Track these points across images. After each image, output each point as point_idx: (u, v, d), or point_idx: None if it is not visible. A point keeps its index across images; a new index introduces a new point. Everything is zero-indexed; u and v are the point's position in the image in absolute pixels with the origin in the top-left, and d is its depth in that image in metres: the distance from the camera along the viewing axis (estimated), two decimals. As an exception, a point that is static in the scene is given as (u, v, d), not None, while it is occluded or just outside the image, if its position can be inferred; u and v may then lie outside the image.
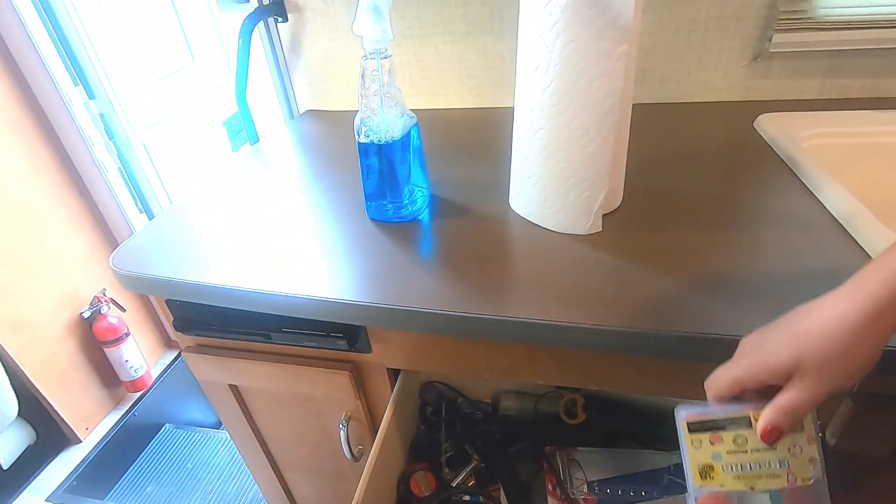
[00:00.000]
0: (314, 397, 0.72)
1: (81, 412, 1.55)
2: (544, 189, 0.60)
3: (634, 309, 0.49)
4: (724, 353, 0.46)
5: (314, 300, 0.55)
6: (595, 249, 0.58)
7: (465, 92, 1.02)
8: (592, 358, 0.56)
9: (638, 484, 0.60)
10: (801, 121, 0.76)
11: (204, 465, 1.58)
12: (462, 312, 0.51)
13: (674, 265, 0.54)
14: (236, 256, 0.62)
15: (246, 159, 0.90)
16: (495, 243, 0.61)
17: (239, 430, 0.84)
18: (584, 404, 0.68)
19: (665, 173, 0.71)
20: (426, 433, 0.72)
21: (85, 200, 1.50)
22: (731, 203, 0.63)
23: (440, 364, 0.63)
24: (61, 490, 1.44)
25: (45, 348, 1.43)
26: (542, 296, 0.52)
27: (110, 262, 0.63)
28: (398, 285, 0.55)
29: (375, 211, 0.68)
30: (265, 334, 0.64)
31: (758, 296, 0.49)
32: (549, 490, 0.61)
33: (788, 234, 0.57)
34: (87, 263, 1.52)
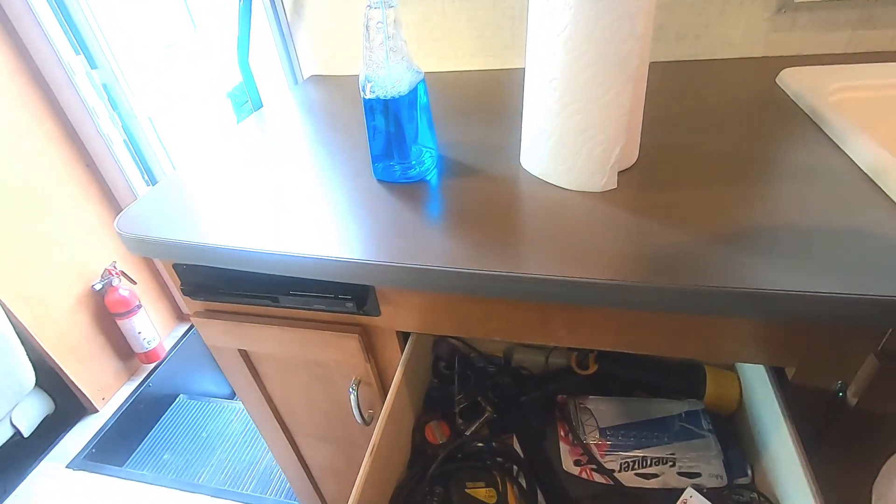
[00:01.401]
0: (324, 362, 0.71)
1: (97, 383, 1.58)
2: (557, 144, 0.57)
3: (651, 264, 0.47)
4: (744, 307, 0.45)
5: (321, 259, 0.53)
6: (610, 206, 0.56)
7: (475, 53, 0.99)
8: (605, 319, 0.55)
9: (649, 430, 0.60)
10: (827, 74, 0.72)
11: (218, 434, 1.61)
12: (473, 269, 0.49)
13: (692, 222, 0.52)
14: (242, 218, 0.61)
15: (250, 125, 0.88)
16: (506, 203, 0.59)
17: (250, 397, 0.84)
18: (596, 356, 0.67)
19: (682, 131, 0.68)
20: (439, 386, 0.72)
21: (92, 173, 1.50)
22: (752, 159, 0.61)
23: (449, 327, 0.62)
24: (81, 457, 1.48)
25: (59, 321, 1.44)
26: (555, 253, 0.50)
27: (115, 225, 0.62)
28: (407, 244, 0.54)
29: (383, 172, 0.66)
30: (273, 297, 0.63)
31: (782, 250, 0.47)
32: (561, 436, 0.61)
33: (814, 189, 0.54)
34: (96, 236, 1.53)
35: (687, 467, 0.57)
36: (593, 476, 0.58)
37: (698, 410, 0.62)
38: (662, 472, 0.57)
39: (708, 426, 0.60)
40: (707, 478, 0.56)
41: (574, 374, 0.68)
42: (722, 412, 0.63)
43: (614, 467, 0.58)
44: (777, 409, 0.52)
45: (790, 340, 0.51)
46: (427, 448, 0.64)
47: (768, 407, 0.54)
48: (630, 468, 0.58)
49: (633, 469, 0.57)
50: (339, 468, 0.96)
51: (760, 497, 0.53)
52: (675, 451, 0.58)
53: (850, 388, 0.52)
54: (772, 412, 0.53)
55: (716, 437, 0.59)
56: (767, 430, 0.55)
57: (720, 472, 0.56)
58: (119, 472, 1.46)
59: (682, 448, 0.58)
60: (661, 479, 0.56)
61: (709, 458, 0.57)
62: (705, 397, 0.63)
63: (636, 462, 0.58)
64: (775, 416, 0.52)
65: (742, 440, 0.61)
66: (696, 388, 0.64)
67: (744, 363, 0.62)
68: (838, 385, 0.53)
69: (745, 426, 0.62)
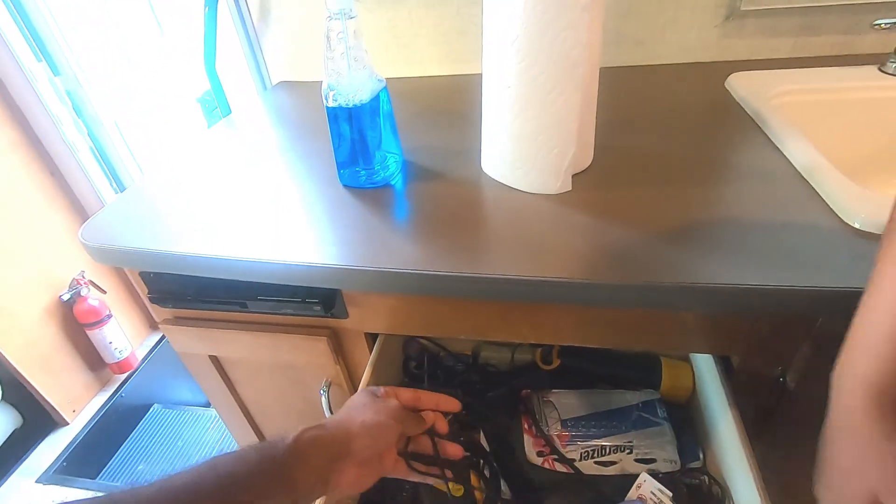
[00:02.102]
0: (294, 365, 0.72)
1: (67, 395, 1.55)
2: (514, 149, 0.60)
3: (604, 262, 0.50)
4: (688, 300, 0.48)
5: (288, 265, 0.55)
6: (565, 208, 0.58)
7: (441, 58, 1.01)
8: (564, 315, 0.58)
9: (608, 420, 0.63)
10: (770, 79, 0.76)
11: (194, 442, 1.59)
12: (435, 271, 0.51)
13: (643, 221, 0.55)
14: (209, 226, 0.62)
15: (218, 132, 0.88)
16: (468, 206, 0.61)
17: (222, 402, 0.84)
18: (559, 351, 0.70)
19: (635, 134, 0.71)
20: (410, 385, 0.74)
21: (57, 181, 1.47)
22: (699, 160, 0.64)
23: (416, 327, 0.64)
24: (51, 471, 1.45)
25: (26, 332, 1.41)
26: (513, 253, 0.53)
27: (80, 235, 0.62)
28: (372, 248, 0.55)
29: (348, 178, 0.68)
30: (241, 303, 0.64)
31: (723, 246, 0.50)
32: (525, 429, 0.63)
33: (753, 188, 0.58)
34: (63, 245, 1.50)
35: (643, 454, 0.60)
36: (555, 466, 0.60)
37: (654, 400, 0.65)
38: (620, 460, 0.60)
39: (663, 414, 0.63)
40: (662, 463, 0.59)
41: (538, 369, 0.71)
42: (677, 401, 0.66)
43: (575, 457, 0.60)
44: (723, 396, 0.55)
45: (733, 331, 0.54)
46: (397, 445, 0.65)
47: (716, 394, 0.57)
48: (590, 457, 0.60)
49: (593, 458, 0.60)
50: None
51: (710, 479, 0.56)
52: (633, 439, 0.61)
53: (789, 373, 0.56)
54: (719, 399, 0.56)
55: (670, 424, 0.62)
56: (715, 416, 0.58)
57: (674, 457, 0.59)
58: (91, 485, 1.43)
59: (639, 436, 0.61)
60: (619, 466, 0.59)
61: (664, 445, 0.60)
62: (661, 387, 0.66)
63: (596, 451, 0.61)
64: (722, 402, 0.55)
65: (695, 427, 0.65)
66: (652, 378, 0.67)
67: (694, 354, 0.66)
68: (778, 371, 0.57)
69: (697, 413, 0.65)
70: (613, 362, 0.70)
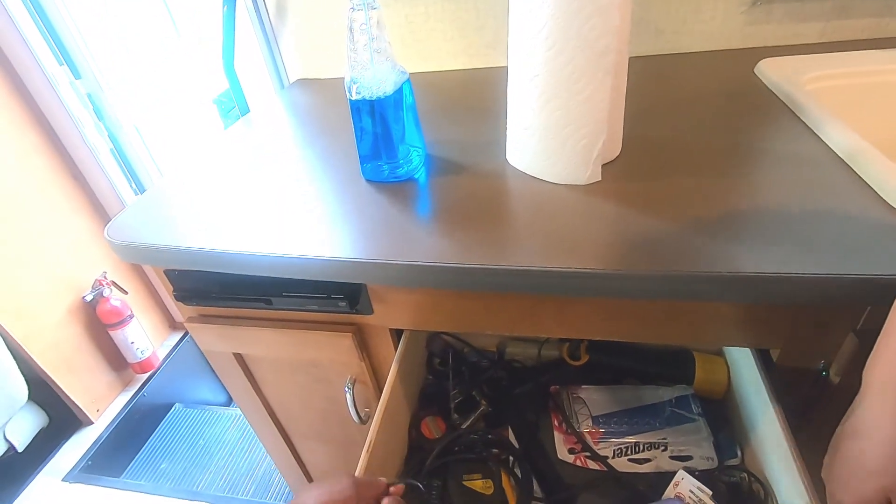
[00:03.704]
0: (319, 362, 0.72)
1: (91, 394, 1.57)
2: (541, 139, 0.59)
3: (637, 253, 0.48)
4: (726, 291, 0.46)
5: (312, 259, 0.54)
6: (595, 198, 0.57)
7: (458, 53, 1.00)
8: (594, 309, 0.56)
9: (641, 416, 0.61)
10: (803, 64, 0.74)
11: (215, 441, 1.60)
12: (461, 264, 0.50)
13: (675, 210, 0.53)
14: (232, 222, 0.61)
15: (237, 130, 0.88)
16: (494, 198, 0.60)
17: (247, 401, 0.84)
18: (587, 346, 0.68)
19: (664, 123, 0.70)
20: (434, 383, 0.73)
21: (79, 183, 1.49)
22: (732, 149, 0.62)
23: (441, 323, 0.63)
24: (77, 470, 1.47)
25: (50, 333, 1.43)
26: (542, 245, 0.51)
27: (105, 233, 0.63)
28: (397, 242, 0.55)
29: (371, 172, 0.67)
30: (266, 300, 0.63)
31: (762, 234, 0.48)
32: (555, 426, 0.62)
33: (792, 175, 0.56)
34: (86, 247, 1.52)
35: (678, 451, 0.58)
36: (587, 463, 0.59)
37: (688, 395, 0.63)
38: (655, 457, 0.58)
39: (698, 410, 0.61)
40: (698, 460, 0.57)
41: (566, 365, 0.70)
42: (711, 396, 0.64)
43: (608, 454, 0.59)
44: (763, 390, 0.53)
45: (774, 323, 0.52)
46: (423, 443, 0.64)
47: (755, 389, 0.55)
48: (623, 454, 0.59)
49: (626, 455, 0.59)
50: (337, 468, 0.96)
51: (750, 476, 0.54)
52: (667, 436, 0.60)
53: (833, 367, 0.54)
54: (758, 394, 0.54)
55: (706, 420, 0.61)
56: (755, 411, 0.56)
57: (711, 454, 0.58)
58: (116, 483, 1.45)
59: (674, 433, 0.60)
60: (654, 464, 0.58)
61: (699, 442, 0.59)
62: (694, 382, 0.64)
63: (629, 448, 0.59)
64: (762, 397, 0.53)
65: (731, 423, 0.63)
66: (685, 373, 0.65)
67: (731, 347, 0.64)
68: (821, 365, 0.54)
69: (733, 409, 0.63)
70: (643, 357, 0.68)
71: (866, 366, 0.39)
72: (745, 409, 0.59)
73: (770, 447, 0.52)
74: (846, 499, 0.37)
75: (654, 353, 0.69)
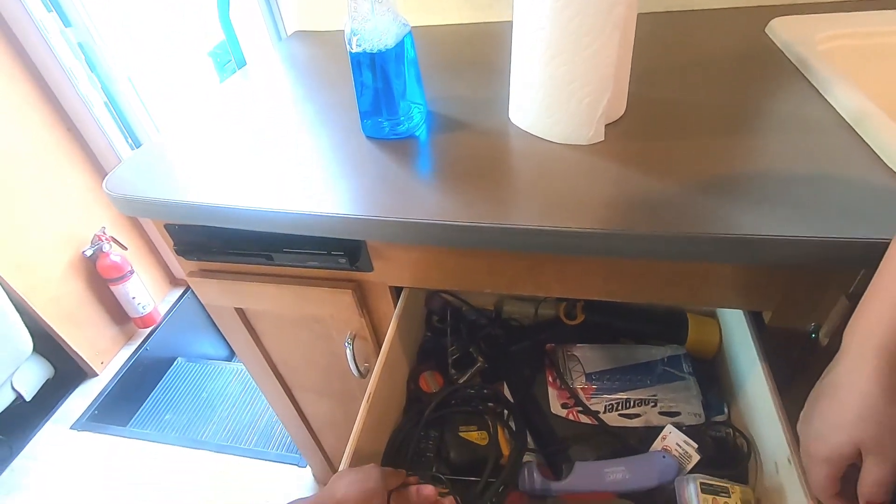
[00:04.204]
0: (319, 318, 0.73)
1: (95, 347, 1.60)
2: (545, 97, 0.58)
3: (638, 214, 0.48)
4: (725, 252, 0.46)
5: (312, 215, 0.54)
6: (598, 158, 0.56)
7: (462, 5, 0.96)
8: (593, 269, 0.57)
9: (633, 374, 0.63)
10: (818, 23, 0.72)
11: (218, 394, 1.65)
12: (461, 222, 0.50)
13: (678, 171, 0.53)
14: (232, 177, 0.61)
15: (234, 84, 0.86)
16: (495, 157, 0.60)
17: (249, 355, 0.86)
18: (583, 306, 0.69)
19: (671, 83, 0.68)
20: (432, 339, 0.75)
21: (74, 136, 1.47)
22: (738, 110, 0.61)
23: (441, 281, 0.63)
24: (84, 419, 1.51)
25: (52, 287, 1.45)
26: (543, 204, 0.51)
27: (104, 186, 0.62)
28: (397, 199, 0.55)
29: (371, 129, 0.66)
30: (267, 255, 0.64)
31: (763, 196, 0.48)
32: (549, 382, 0.64)
33: (797, 138, 0.55)
34: (83, 202, 1.51)
35: (667, 407, 0.60)
36: (579, 418, 0.61)
37: (680, 355, 0.65)
38: (644, 413, 0.60)
39: (689, 369, 0.63)
40: (686, 416, 0.59)
41: (562, 324, 0.71)
42: (703, 356, 0.66)
43: (599, 409, 0.61)
44: (753, 351, 0.55)
45: (768, 286, 0.53)
46: (422, 396, 0.66)
47: (745, 349, 0.57)
48: (614, 409, 0.61)
49: (617, 410, 0.61)
50: (338, 421, 0.99)
51: (735, 432, 0.56)
52: (657, 393, 0.61)
53: (823, 329, 0.55)
54: (748, 354, 0.56)
55: (696, 379, 0.62)
56: (744, 370, 0.58)
57: (699, 410, 0.60)
58: (123, 432, 1.50)
59: (664, 390, 0.62)
60: (643, 419, 0.60)
61: (688, 399, 0.61)
62: (687, 342, 0.66)
63: (620, 404, 0.61)
64: (752, 357, 0.55)
65: (720, 382, 0.65)
66: (678, 334, 0.67)
67: (725, 309, 0.65)
68: (812, 327, 0.56)
69: (723, 369, 0.65)
70: (638, 318, 0.70)
71: (847, 326, 0.40)
72: (734, 369, 0.61)
73: (756, 404, 0.54)
74: (820, 449, 0.39)
75: (648, 313, 0.70)
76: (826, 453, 0.38)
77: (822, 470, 0.39)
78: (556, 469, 0.57)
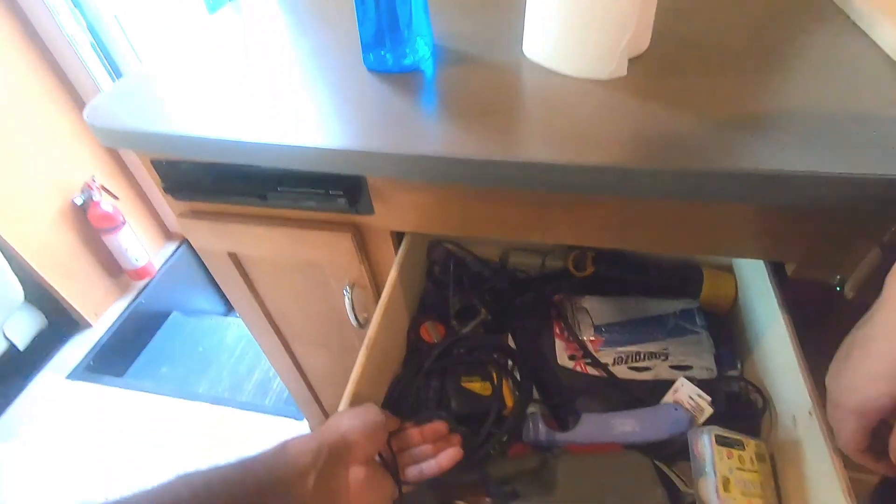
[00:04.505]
0: (317, 263, 0.70)
1: (88, 298, 1.57)
2: (563, 28, 0.53)
3: (658, 150, 0.45)
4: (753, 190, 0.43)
5: (309, 148, 0.50)
6: (618, 94, 0.52)
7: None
8: (607, 215, 0.53)
9: (644, 327, 0.61)
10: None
11: (214, 349, 1.64)
12: (467, 156, 0.46)
13: (704, 108, 0.49)
14: (222, 109, 0.56)
15: (225, 15, 0.80)
16: (508, 92, 0.55)
17: (244, 304, 0.83)
18: (593, 258, 0.66)
19: (699, 18, 0.63)
20: (434, 291, 0.72)
21: (59, 78, 1.40)
22: (771, 47, 0.57)
23: (446, 226, 0.60)
24: (80, 369, 1.50)
25: (42, 236, 1.41)
26: (558, 139, 0.48)
27: (84, 115, 0.58)
28: (401, 133, 0.51)
29: (374, 61, 0.61)
30: (261, 194, 0.60)
31: (796, 134, 0.45)
32: (556, 333, 0.62)
33: (834, 74, 0.51)
34: (71, 148, 1.45)
35: (679, 361, 0.58)
36: (587, 369, 0.59)
37: (693, 309, 0.62)
38: (655, 366, 0.58)
39: (702, 323, 0.61)
40: (698, 370, 0.57)
41: (570, 276, 0.68)
42: (716, 311, 0.64)
43: (608, 361, 0.59)
44: (774, 302, 0.52)
45: (795, 235, 0.50)
46: (422, 346, 0.64)
47: (765, 302, 0.54)
48: (623, 362, 0.59)
49: (627, 363, 0.59)
50: (335, 375, 0.98)
51: (749, 385, 0.54)
52: (668, 347, 0.59)
53: (849, 282, 0.52)
54: (768, 306, 0.53)
55: (708, 333, 0.60)
56: (762, 323, 0.55)
57: (711, 365, 0.57)
58: (119, 383, 1.49)
59: (675, 343, 0.59)
60: (654, 372, 0.58)
61: (700, 353, 0.58)
62: (701, 296, 0.63)
63: (629, 357, 0.59)
64: (772, 309, 0.52)
65: (733, 337, 0.62)
66: (690, 288, 0.64)
67: (744, 259, 0.62)
68: (837, 279, 0.53)
69: (737, 325, 0.62)
70: (651, 270, 0.67)
71: (890, 272, 0.37)
72: (750, 323, 0.59)
73: (774, 357, 0.52)
74: (852, 401, 0.37)
75: (661, 266, 0.67)
76: (858, 406, 0.36)
77: (852, 423, 0.37)
78: (561, 421, 0.56)
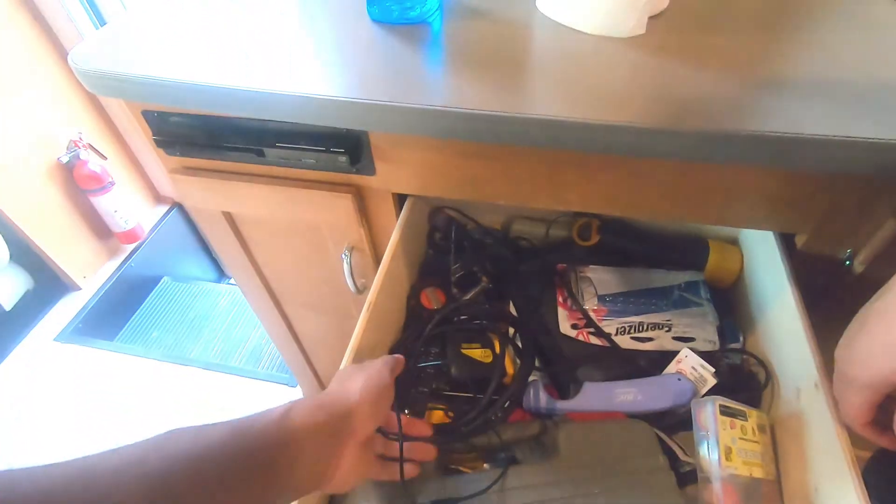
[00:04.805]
0: (315, 225, 0.68)
1: (76, 260, 1.54)
2: (582, -22, 0.50)
3: (677, 110, 0.43)
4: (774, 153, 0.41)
5: (308, 97, 0.47)
6: (637, 52, 0.50)
7: None
8: (618, 180, 0.52)
9: (648, 298, 0.60)
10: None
11: (206, 315, 1.62)
12: (474, 110, 0.44)
13: (728, 67, 0.47)
14: (215, 57, 0.53)
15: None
16: (520, 48, 0.53)
17: (239, 266, 0.81)
18: (599, 227, 0.65)
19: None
20: (435, 259, 0.70)
21: (42, 28, 1.33)
22: (794, 6, 0.54)
23: (450, 189, 0.58)
24: (68, 331, 1.48)
25: (28, 194, 1.37)
26: (571, 97, 0.45)
27: (69, 59, 0.54)
28: (405, 86, 0.48)
29: (379, 12, 0.58)
30: (258, 150, 0.57)
31: (821, 96, 0.43)
32: (559, 302, 0.61)
33: (863, 36, 0.49)
34: (55, 103, 1.40)
35: (682, 332, 0.57)
36: (589, 339, 0.58)
37: (698, 281, 0.61)
38: (658, 337, 0.57)
39: (707, 296, 0.60)
40: (701, 342, 0.56)
41: (575, 245, 0.67)
42: (721, 284, 0.63)
43: (611, 331, 0.58)
44: (782, 273, 0.51)
45: (807, 205, 0.49)
46: (423, 313, 0.63)
47: (772, 273, 0.53)
48: (626, 332, 0.58)
49: (630, 333, 0.58)
50: (331, 341, 0.97)
51: (752, 358, 0.54)
52: (672, 318, 0.58)
53: (860, 255, 0.51)
54: (776, 278, 0.52)
55: (713, 306, 0.59)
56: (768, 295, 0.54)
57: (714, 337, 0.57)
58: (108, 346, 1.48)
59: (679, 315, 0.58)
60: (657, 343, 0.57)
61: (704, 325, 0.58)
62: (706, 269, 0.62)
63: (633, 327, 0.58)
64: (779, 281, 0.51)
65: (737, 310, 0.62)
66: (696, 261, 0.63)
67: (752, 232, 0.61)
68: (847, 253, 0.52)
69: (741, 298, 0.62)
70: (656, 242, 0.65)
71: None
72: (755, 296, 0.58)
73: (780, 329, 0.51)
74: (862, 374, 0.36)
75: (667, 237, 0.66)
76: (867, 379, 0.35)
77: (859, 396, 0.36)
78: (563, 390, 0.55)
